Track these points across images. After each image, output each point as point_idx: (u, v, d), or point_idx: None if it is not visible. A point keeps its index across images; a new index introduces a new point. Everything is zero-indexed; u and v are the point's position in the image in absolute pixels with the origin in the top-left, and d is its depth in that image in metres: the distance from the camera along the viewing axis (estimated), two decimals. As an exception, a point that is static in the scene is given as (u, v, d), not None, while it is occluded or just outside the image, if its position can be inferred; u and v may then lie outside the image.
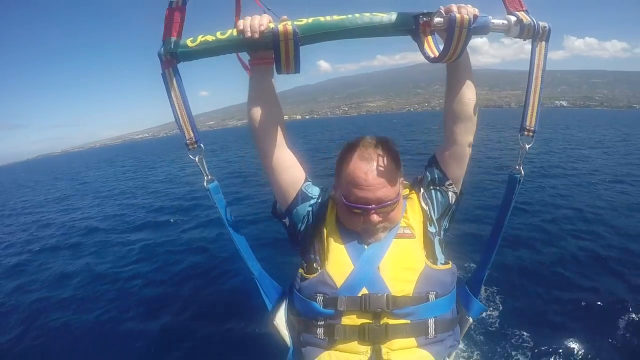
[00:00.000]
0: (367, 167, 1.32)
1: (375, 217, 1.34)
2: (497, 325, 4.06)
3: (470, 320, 1.65)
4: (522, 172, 1.44)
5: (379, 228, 1.38)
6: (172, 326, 4.82)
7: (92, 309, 5.50)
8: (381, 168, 1.33)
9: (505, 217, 1.52)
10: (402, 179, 1.46)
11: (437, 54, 1.30)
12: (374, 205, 1.32)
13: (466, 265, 4.52)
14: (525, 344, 3.77)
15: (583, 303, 4.34)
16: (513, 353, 3.68)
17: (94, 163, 46.84)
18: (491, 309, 4.26)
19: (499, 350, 3.74)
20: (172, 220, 9.77)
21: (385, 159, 1.36)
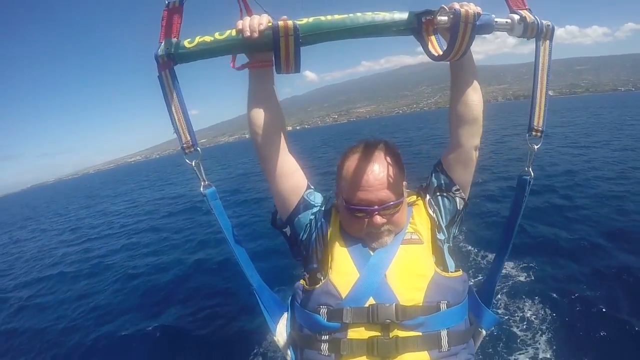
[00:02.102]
0: (368, 168, 1.28)
1: (378, 219, 1.27)
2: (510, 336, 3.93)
3: (484, 332, 1.53)
4: (532, 174, 1.38)
5: (383, 231, 1.30)
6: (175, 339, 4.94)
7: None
8: (382, 169, 1.29)
9: (516, 221, 1.45)
10: (404, 181, 1.39)
11: (440, 52, 1.27)
12: (376, 207, 1.26)
13: (476, 273, 4.35)
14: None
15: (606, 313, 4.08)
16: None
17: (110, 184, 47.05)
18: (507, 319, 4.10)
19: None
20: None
21: (386, 160, 1.32)
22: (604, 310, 4.10)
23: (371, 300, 1.20)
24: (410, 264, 1.28)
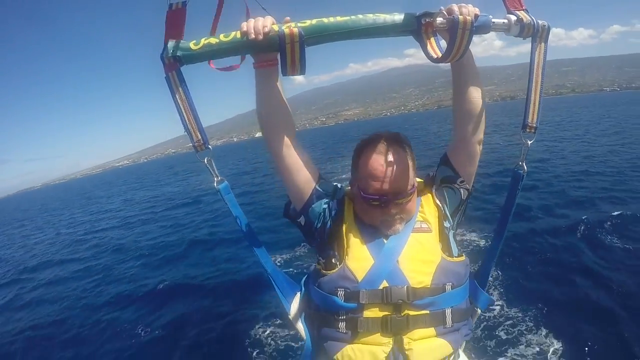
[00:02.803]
0: (383, 160, 1.35)
1: (392, 208, 1.36)
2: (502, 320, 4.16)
3: (479, 311, 1.69)
4: (525, 168, 1.47)
5: (396, 219, 1.39)
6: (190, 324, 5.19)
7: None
8: (396, 160, 1.35)
9: (510, 211, 1.56)
10: (415, 170, 1.45)
11: (439, 54, 1.30)
12: (391, 197, 1.35)
13: (473, 258, 4.40)
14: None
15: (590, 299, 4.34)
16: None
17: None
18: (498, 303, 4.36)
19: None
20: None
21: (399, 151, 1.38)
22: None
23: (385, 283, 1.31)
24: (420, 251, 1.38)
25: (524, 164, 1.46)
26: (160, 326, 5.32)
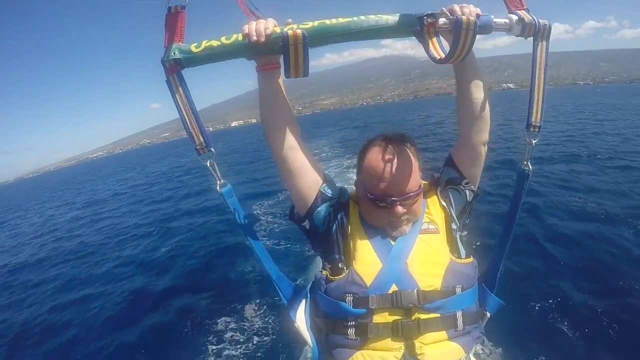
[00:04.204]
0: (389, 161, 1.35)
1: (400, 209, 1.36)
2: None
3: (488, 314, 1.69)
4: (530, 167, 1.47)
5: (403, 220, 1.39)
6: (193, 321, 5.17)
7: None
8: (402, 161, 1.36)
9: (516, 211, 1.55)
10: (421, 171, 1.46)
11: (442, 55, 1.30)
12: (397, 198, 1.35)
13: (480, 260, 4.32)
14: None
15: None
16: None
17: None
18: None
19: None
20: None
21: (405, 152, 1.39)
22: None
23: (394, 287, 1.31)
24: (429, 253, 1.38)
25: (529, 163, 1.46)
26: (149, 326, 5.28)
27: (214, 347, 4.46)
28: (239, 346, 4.42)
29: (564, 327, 3.94)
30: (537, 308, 4.32)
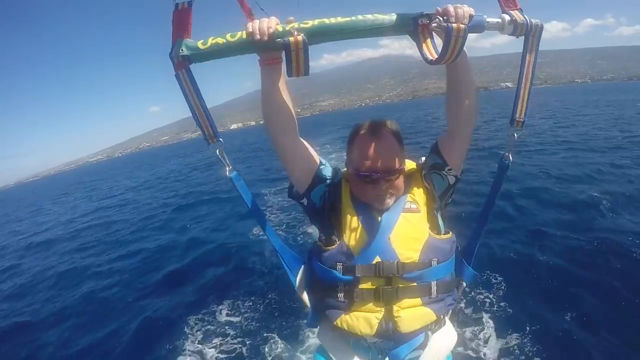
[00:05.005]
0: (375, 141, 1.51)
1: (383, 183, 1.51)
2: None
3: (464, 284, 1.87)
4: (511, 159, 1.61)
5: (386, 194, 1.54)
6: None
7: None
8: (386, 141, 1.53)
9: (495, 197, 1.73)
10: (403, 152, 1.60)
11: (435, 56, 1.33)
12: (381, 174, 1.49)
13: (461, 236, 4.49)
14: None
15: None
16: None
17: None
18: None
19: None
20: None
21: (389, 133, 1.55)
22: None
23: (378, 259, 1.49)
24: (409, 229, 1.54)
25: (510, 155, 1.60)
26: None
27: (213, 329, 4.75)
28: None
29: (563, 317, 4.05)
30: (533, 296, 4.48)
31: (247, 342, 4.34)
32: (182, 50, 1.25)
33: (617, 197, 7.03)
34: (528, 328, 3.85)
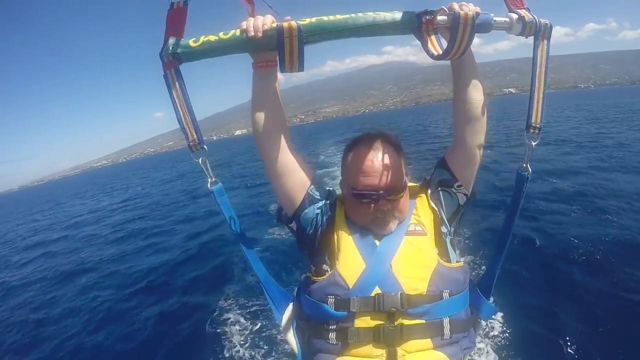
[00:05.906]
0: (373, 155, 1.34)
1: (384, 204, 1.32)
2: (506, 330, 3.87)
3: (482, 323, 1.61)
4: (530, 170, 1.38)
5: (388, 217, 1.35)
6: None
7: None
8: (385, 155, 1.34)
9: (514, 215, 1.46)
10: (406, 168, 1.43)
11: (440, 51, 1.28)
12: (382, 192, 1.31)
13: (477, 266, 4.22)
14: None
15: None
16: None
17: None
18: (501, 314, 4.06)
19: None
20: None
21: (387, 147, 1.37)
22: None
23: (377, 290, 1.24)
24: (415, 254, 1.31)
25: (529, 165, 1.37)
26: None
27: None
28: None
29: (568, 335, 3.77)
30: (535, 316, 4.02)
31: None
32: (172, 48, 1.19)
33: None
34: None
